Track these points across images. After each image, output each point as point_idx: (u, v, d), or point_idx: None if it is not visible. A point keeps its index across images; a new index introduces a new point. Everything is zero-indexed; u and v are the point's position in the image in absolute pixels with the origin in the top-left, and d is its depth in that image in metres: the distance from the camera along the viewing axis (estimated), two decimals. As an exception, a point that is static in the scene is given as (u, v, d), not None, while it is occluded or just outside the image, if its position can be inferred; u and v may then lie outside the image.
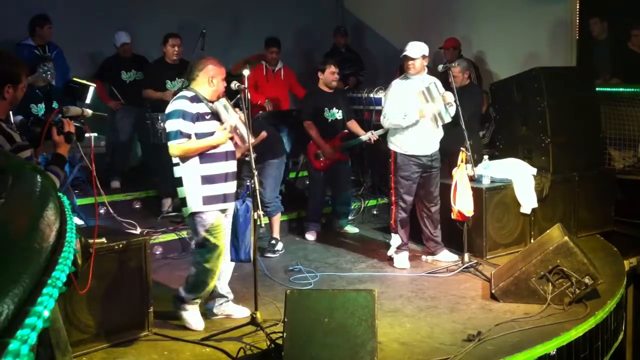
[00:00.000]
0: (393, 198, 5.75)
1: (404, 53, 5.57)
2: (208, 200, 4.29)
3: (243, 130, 4.34)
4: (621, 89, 7.26)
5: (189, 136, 4.22)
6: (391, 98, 5.64)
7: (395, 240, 5.75)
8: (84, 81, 3.49)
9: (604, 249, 6.10)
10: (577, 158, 6.43)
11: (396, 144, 5.67)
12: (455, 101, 5.52)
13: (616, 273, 5.41)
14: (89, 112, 3.35)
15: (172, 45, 6.77)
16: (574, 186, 6.37)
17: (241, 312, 4.54)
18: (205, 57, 4.51)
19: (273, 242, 6.17)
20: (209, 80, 4.30)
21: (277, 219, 6.24)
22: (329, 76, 6.50)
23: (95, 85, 3.53)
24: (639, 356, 6.32)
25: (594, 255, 5.27)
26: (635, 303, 6.37)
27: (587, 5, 7.63)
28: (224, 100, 4.34)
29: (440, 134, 5.71)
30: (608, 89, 7.21)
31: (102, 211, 5.92)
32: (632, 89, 7.21)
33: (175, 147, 4.20)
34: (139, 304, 4.20)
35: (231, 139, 4.35)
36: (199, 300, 4.44)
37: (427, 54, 5.61)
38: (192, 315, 4.40)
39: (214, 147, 4.27)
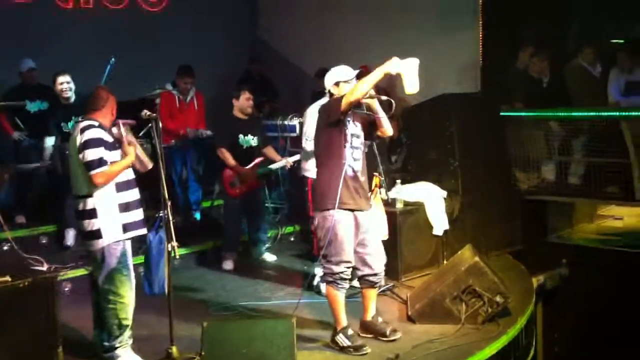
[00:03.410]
0: (313, 228, 5.69)
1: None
2: (128, 227, 4.28)
3: (142, 155, 4.48)
4: (523, 114, 7.61)
5: (106, 164, 4.20)
6: (313, 120, 5.56)
7: (320, 269, 5.66)
8: None
9: (513, 267, 6.31)
10: (485, 180, 6.64)
11: (313, 171, 5.61)
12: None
13: (525, 290, 5.62)
14: None
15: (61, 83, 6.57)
16: (483, 207, 6.58)
17: None
18: (101, 87, 4.55)
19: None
20: (112, 110, 4.38)
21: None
22: (244, 102, 6.47)
23: None
24: (549, 370, 6.55)
25: (504, 274, 5.44)
26: (544, 318, 6.62)
27: (490, 33, 7.98)
28: (123, 127, 4.39)
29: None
30: (512, 114, 7.54)
31: (5, 248, 5.63)
32: (534, 113, 7.57)
33: (100, 175, 4.15)
34: (46, 344, 4.00)
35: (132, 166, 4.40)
36: (129, 341, 4.31)
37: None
38: (127, 358, 4.25)
39: (128, 167, 4.32)
